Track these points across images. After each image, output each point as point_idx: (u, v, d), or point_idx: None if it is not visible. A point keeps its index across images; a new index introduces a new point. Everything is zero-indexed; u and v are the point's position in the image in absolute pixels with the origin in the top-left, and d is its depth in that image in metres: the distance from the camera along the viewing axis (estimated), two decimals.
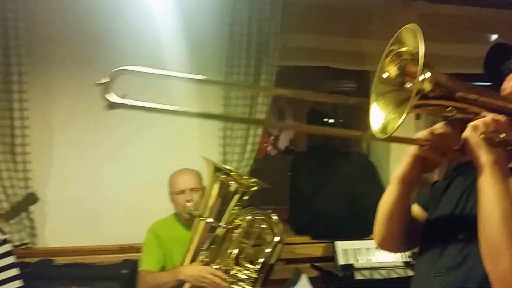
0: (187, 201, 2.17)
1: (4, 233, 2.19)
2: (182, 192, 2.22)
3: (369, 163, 3.15)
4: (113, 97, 0.92)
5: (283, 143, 4.31)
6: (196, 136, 2.74)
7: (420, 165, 1.08)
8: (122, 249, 2.58)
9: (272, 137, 4.21)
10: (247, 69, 2.68)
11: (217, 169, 2.03)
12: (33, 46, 2.52)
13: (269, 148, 4.14)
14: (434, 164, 1.08)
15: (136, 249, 2.49)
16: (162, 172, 2.42)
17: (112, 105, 0.92)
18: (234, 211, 2.00)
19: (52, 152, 2.62)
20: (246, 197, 2.04)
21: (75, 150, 2.65)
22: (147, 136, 2.68)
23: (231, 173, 2.02)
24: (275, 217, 2.10)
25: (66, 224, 2.62)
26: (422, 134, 1.06)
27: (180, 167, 2.37)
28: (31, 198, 2.53)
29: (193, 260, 2.01)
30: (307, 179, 2.97)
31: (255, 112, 2.72)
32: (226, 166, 2.19)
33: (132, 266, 2.30)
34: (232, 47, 2.66)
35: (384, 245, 1.24)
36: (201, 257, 2.00)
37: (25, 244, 2.51)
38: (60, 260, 2.53)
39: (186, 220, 2.21)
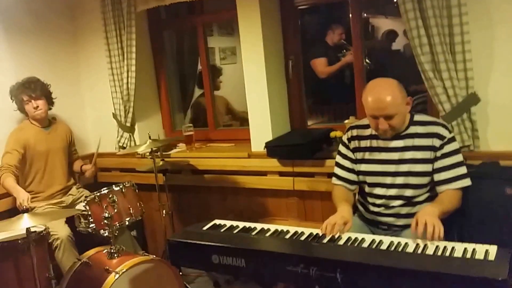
0: None
1: (450, 132, 2.15)
2: None
3: None
4: None
5: None
6: None
7: None
8: None
9: None
10: None
11: None
12: None
13: None
14: None
15: None
16: None
17: None
18: None
19: (493, 49, 2.38)
20: None
21: None
22: None
23: None
24: None
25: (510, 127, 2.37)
26: None
27: None
28: (472, 99, 2.40)
29: None
30: None
31: None
32: None
33: None
34: None
35: None
36: None
37: (467, 146, 2.43)
38: (504, 163, 2.33)
39: None
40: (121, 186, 2.70)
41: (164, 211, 3.11)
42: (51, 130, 3.31)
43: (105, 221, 2.58)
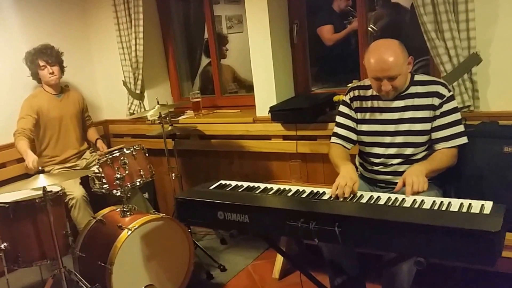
0: None
1: (450, 90, 2.18)
2: None
3: None
4: None
5: None
6: None
7: None
8: None
9: None
10: None
11: None
12: None
13: None
14: None
15: None
16: None
17: None
18: None
19: (497, 8, 2.37)
20: None
21: None
22: None
23: None
24: None
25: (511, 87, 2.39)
26: None
27: None
28: (474, 59, 2.41)
29: None
30: None
31: None
32: None
33: None
34: None
35: None
36: None
37: (467, 106, 2.46)
38: (504, 123, 2.35)
39: None
40: (131, 149, 2.81)
41: (173, 174, 3.22)
42: (63, 97, 3.41)
43: (117, 181, 2.70)
